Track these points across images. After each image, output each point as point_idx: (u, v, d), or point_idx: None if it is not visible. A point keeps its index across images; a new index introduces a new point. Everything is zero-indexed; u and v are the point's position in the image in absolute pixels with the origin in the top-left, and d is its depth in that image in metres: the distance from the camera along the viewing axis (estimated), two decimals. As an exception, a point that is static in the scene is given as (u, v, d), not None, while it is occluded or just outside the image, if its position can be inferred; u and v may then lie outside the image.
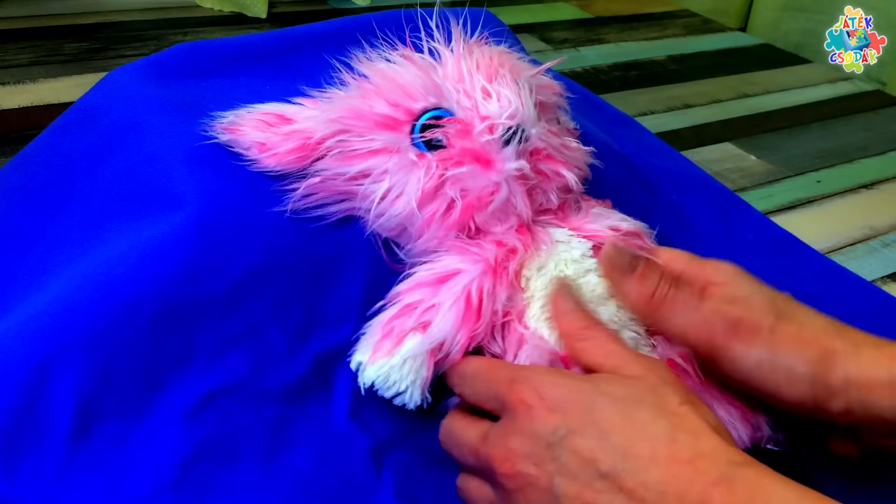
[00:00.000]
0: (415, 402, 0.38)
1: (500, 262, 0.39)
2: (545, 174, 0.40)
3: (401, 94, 0.40)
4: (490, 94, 0.38)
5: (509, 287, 0.39)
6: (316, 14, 1.00)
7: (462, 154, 0.38)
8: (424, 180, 0.38)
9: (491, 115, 0.38)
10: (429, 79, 0.39)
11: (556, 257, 0.40)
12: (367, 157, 0.40)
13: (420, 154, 0.39)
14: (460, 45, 0.40)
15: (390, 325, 0.38)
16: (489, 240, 0.40)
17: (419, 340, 0.37)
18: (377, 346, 0.37)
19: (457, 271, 0.38)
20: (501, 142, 0.38)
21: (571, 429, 0.32)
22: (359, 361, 0.38)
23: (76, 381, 0.36)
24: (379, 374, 0.37)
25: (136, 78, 0.47)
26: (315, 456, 0.39)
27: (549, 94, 0.43)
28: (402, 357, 0.37)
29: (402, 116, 0.40)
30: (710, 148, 0.78)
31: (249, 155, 0.40)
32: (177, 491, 0.36)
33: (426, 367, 0.37)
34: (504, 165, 0.38)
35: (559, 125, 0.45)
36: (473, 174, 0.38)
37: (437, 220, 0.39)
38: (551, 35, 1.03)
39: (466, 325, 0.37)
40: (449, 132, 0.39)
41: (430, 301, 0.38)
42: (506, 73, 0.39)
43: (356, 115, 0.40)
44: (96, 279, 0.37)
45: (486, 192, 0.39)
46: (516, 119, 0.38)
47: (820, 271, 0.58)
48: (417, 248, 0.40)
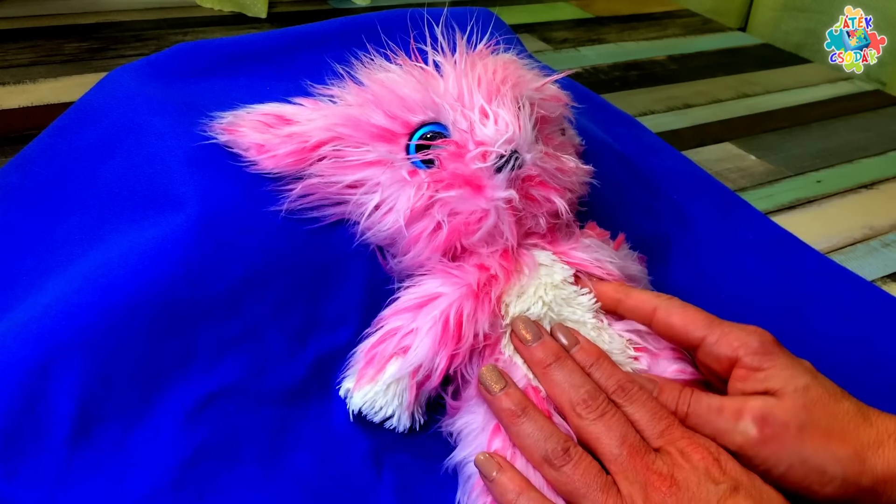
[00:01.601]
0: (404, 426, 0.39)
1: (482, 287, 0.39)
2: (536, 199, 0.40)
3: (399, 107, 0.40)
4: (488, 116, 0.38)
5: (490, 313, 0.39)
6: (316, 14, 1.00)
7: (453, 178, 0.38)
8: (414, 199, 0.38)
9: (486, 141, 0.38)
10: (427, 94, 0.39)
11: (537, 282, 0.41)
12: (362, 168, 0.40)
13: (412, 171, 0.39)
14: (463, 60, 0.40)
15: (372, 353, 0.38)
16: (472, 262, 0.40)
17: (399, 365, 0.38)
18: (361, 374, 0.38)
19: (436, 295, 0.39)
20: (494, 168, 0.38)
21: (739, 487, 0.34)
22: (346, 388, 0.39)
23: (76, 383, 0.36)
24: (365, 400, 0.38)
25: (136, 78, 0.47)
26: (315, 457, 0.39)
27: (553, 106, 0.43)
28: (385, 382, 0.38)
29: (399, 129, 0.40)
30: (710, 148, 0.78)
31: (248, 156, 0.40)
32: (177, 492, 0.36)
33: (409, 391, 0.38)
34: (494, 193, 0.38)
35: (562, 137, 0.45)
36: (463, 198, 0.38)
37: (424, 239, 0.39)
38: (551, 35, 1.03)
39: (445, 347, 0.38)
40: (442, 154, 0.39)
41: (409, 326, 0.38)
42: (507, 91, 0.39)
43: (353, 124, 0.40)
44: (96, 280, 0.37)
45: (474, 217, 0.39)
46: (512, 145, 0.38)
47: (820, 271, 0.58)
48: (404, 263, 0.41)
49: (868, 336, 0.52)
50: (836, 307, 0.54)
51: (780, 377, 0.37)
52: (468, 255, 0.40)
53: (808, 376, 0.37)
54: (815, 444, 0.35)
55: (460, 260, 0.40)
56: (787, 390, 0.37)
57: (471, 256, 0.40)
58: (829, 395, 0.37)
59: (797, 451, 0.35)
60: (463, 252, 0.40)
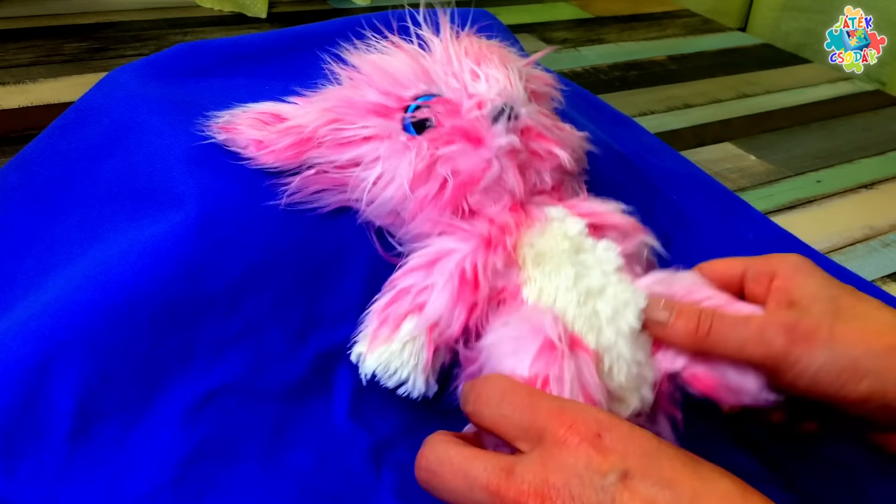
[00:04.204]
0: (419, 390, 0.36)
1: (495, 237, 0.38)
2: (537, 153, 0.40)
3: (391, 83, 0.40)
4: (479, 76, 0.39)
5: (507, 261, 0.38)
6: (316, 14, 1.00)
7: (452, 132, 0.38)
8: (416, 162, 0.38)
9: (479, 94, 0.38)
10: (417, 64, 0.40)
11: (552, 232, 0.39)
12: (359, 144, 0.40)
13: (411, 137, 0.39)
14: (447, 32, 0.41)
15: (385, 313, 0.37)
16: (482, 219, 0.39)
17: (416, 322, 0.36)
18: (375, 335, 0.37)
19: (449, 251, 0.38)
20: (491, 119, 0.38)
21: (629, 472, 0.29)
22: (359, 353, 0.37)
23: (76, 381, 0.36)
24: (379, 361, 0.36)
25: (136, 78, 0.47)
26: (315, 455, 0.39)
27: (540, 83, 0.43)
28: (401, 341, 0.36)
29: (393, 104, 0.40)
30: (710, 148, 0.78)
31: (246, 153, 0.40)
32: (177, 490, 0.36)
33: (426, 349, 0.36)
34: (494, 141, 0.38)
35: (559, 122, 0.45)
36: (464, 152, 0.38)
37: (429, 201, 0.39)
38: (551, 35, 1.03)
39: (463, 300, 0.37)
40: (438, 112, 0.39)
41: (424, 283, 0.37)
42: (494, 58, 0.40)
43: (348, 104, 0.40)
44: (96, 278, 0.37)
45: (477, 169, 0.38)
46: (505, 97, 0.38)
47: (820, 271, 0.58)
48: (411, 233, 0.40)
49: (868, 335, 0.52)
50: (836, 307, 0.54)
51: (811, 286, 0.37)
52: (477, 217, 0.40)
53: (839, 289, 0.37)
54: (847, 338, 0.34)
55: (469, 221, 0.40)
56: (819, 297, 0.36)
57: (479, 217, 0.39)
58: (862, 302, 0.37)
59: (828, 349, 0.34)
60: (471, 215, 0.40)
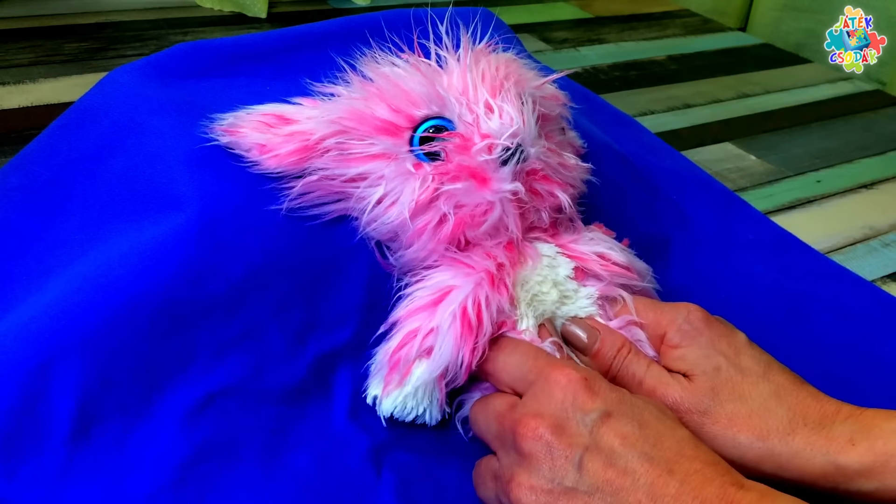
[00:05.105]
0: (435, 420, 0.40)
1: (497, 274, 0.39)
2: (539, 194, 0.40)
3: (403, 100, 0.39)
4: (493, 110, 0.38)
5: (508, 298, 0.39)
6: (316, 14, 1.00)
7: (459, 170, 0.38)
8: (419, 191, 0.38)
9: (491, 133, 0.38)
10: (433, 88, 0.39)
11: (540, 274, 0.41)
12: (365, 161, 0.39)
13: (417, 164, 0.39)
14: (468, 56, 0.40)
15: (396, 357, 0.38)
16: (479, 252, 0.40)
17: (425, 368, 0.38)
18: (388, 380, 0.38)
19: (450, 289, 0.39)
20: (499, 161, 0.38)
21: (610, 413, 0.34)
22: (374, 396, 0.39)
23: (76, 383, 0.36)
24: (395, 405, 0.39)
25: (136, 78, 0.47)
26: (315, 456, 0.39)
27: (552, 105, 0.43)
28: (414, 386, 0.38)
29: (403, 123, 0.39)
30: (710, 148, 0.78)
31: (250, 157, 0.40)
32: (177, 492, 0.36)
33: (438, 388, 0.38)
34: (500, 185, 0.38)
35: (562, 136, 0.45)
36: (468, 191, 0.38)
37: (428, 231, 0.39)
38: (551, 35, 1.03)
39: (467, 341, 0.38)
40: (448, 146, 0.39)
41: (429, 325, 0.38)
42: (510, 87, 0.39)
43: (357, 117, 0.40)
44: (96, 280, 0.37)
45: (479, 209, 0.39)
46: (517, 138, 0.38)
47: (820, 271, 0.58)
48: (407, 257, 0.40)
49: (868, 336, 0.52)
50: (836, 307, 0.54)
51: (694, 357, 0.39)
52: (472, 248, 0.40)
53: (722, 357, 0.39)
54: (715, 428, 0.37)
55: (465, 252, 0.40)
56: (696, 372, 0.38)
57: (475, 249, 0.40)
58: (743, 377, 0.38)
59: (698, 435, 0.37)
60: (466, 245, 0.40)
